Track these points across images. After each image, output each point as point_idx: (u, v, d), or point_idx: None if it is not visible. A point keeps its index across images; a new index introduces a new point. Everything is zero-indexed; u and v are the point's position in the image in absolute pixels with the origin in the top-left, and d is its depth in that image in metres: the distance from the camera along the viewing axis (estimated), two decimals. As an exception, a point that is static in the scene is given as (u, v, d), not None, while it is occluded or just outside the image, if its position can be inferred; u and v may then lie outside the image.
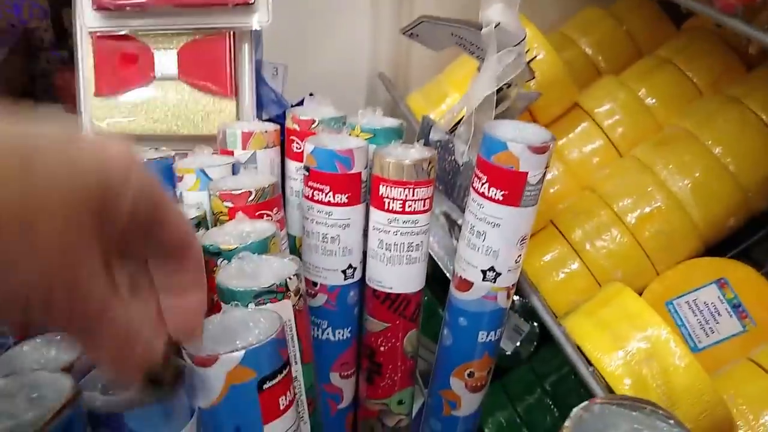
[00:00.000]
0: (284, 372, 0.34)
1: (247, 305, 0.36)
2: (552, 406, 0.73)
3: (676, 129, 0.66)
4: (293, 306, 0.39)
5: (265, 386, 0.32)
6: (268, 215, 0.45)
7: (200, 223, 0.44)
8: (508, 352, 0.76)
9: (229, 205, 0.44)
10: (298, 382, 0.41)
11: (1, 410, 0.26)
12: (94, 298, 0.22)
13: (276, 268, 0.39)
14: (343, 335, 0.53)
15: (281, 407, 0.34)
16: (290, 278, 0.38)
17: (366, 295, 0.53)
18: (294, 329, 0.39)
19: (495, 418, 0.75)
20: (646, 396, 0.44)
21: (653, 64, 0.73)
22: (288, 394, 0.35)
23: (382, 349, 0.53)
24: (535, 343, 0.76)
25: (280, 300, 0.38)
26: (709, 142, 0.62)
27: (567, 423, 0.26)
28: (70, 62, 0.99)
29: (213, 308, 0.36)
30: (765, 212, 0.67)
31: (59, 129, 0.22)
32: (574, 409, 0.27)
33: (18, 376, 0.28)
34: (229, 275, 0.38)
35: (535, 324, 0.75)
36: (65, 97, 0.96)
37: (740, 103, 0.63)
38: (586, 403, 0.27)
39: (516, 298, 0.76)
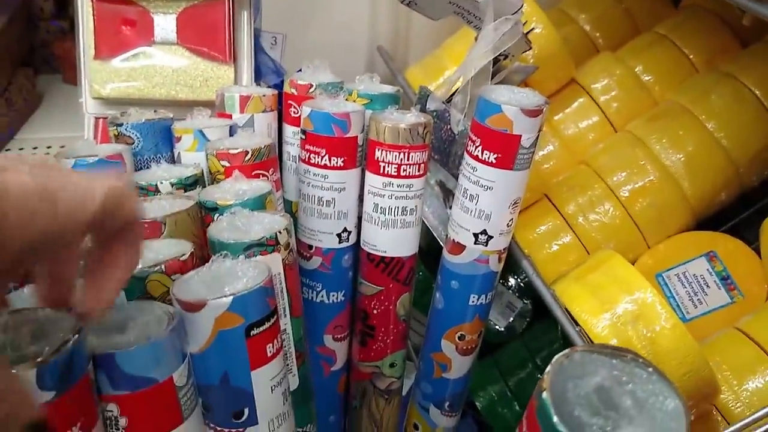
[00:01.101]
0: (272, 320, 0.35)
1: (237, 257, 0.36)
2: (543, 381, 0.74)
3: (670, 104, 0.67)
4: (283, 260, 0.39)
5: (253, 332, 0.33)
6: (264, 175, 0.46)
7: (197, 180, 0.45)
8: (501, 328, 0.77)
9: (226, 164, 0.45)
10: (287, 334, 0.42)
11: (5, 343, 0.27)
12: None
13: (267, 223, 0.40)
14: (337, 298, 0.54)
15: (268, 354, 0.35)
16: (280, 232, 0.39)
17: (360, 259, 0.54)
18: (283, 282, 0.40)
19: (486, 391, 0.76)
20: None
21: (650, 41, 0.73)
22: (275, 342, 0.36)
23: (375, 312, 0.54)
24: (527, 320, 0.77)
25: (270, 253, 0.38)
26: (703, 117, 0.63)
27: (548, 369, 0.27)
28: (70, 32, 1.00)
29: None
30: (756, 189, 0.68)
31: None
32: (556, 356, 0.28)
33: (22, 313, 0.28)
34: (220, 229, 0.39)
35: (527, 301, 0.76)
36: (65, 67, 0.97)
37: (734, 78, 0.63)
38: (567, 350, 0.28)
39: (511, 279, 0.77)
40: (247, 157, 0.45)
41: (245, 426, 0.35)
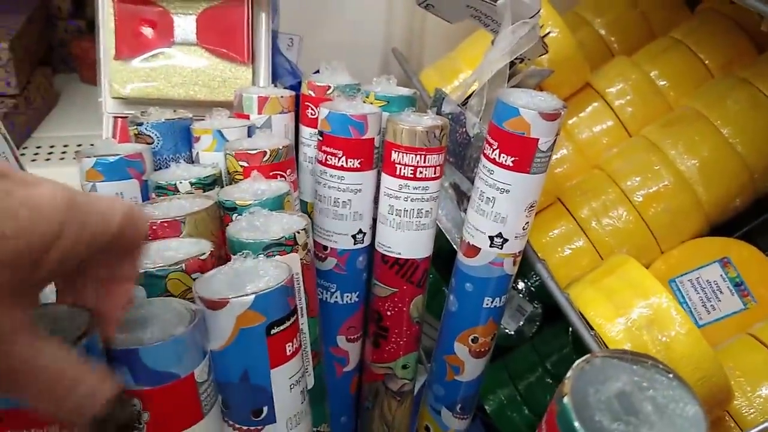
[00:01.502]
0: (292, 319, 0.35)
1: (257, 256, 0.37)
2: (552, 385, 0.74)
3: (685, 109, 0.67)
4: (301, 260, 0.40)
5: (273, 331, 0.34)
6: (281, 176, 0.46)
7: (216, 180, 0.45)
8: (511, 332, 0.77)
9: (244, 164, 0.45)
10: (304, 334, 0.42)
11: None
12: (16, 352, 0.22)
13: (285, 223, 0.40)
14: (351, 299, 0.54)
15: (288, 353, 0.35)
16: (299, 232, 0.39)
17: (374, 260, 0.54)
18: (302, 282, 0.41)
19: (496, 395, 0.76)
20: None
21: (666, 46, 0.73)
22: (294, 341, 0.36)
23: (388, 313, 0.55)
24: (537, 323, 0.77)
25: (288, 253, 0.39)
26: (718, 123, 0.63)
27: (569, 374, 0.27)
28: (87, 31, 1.01)
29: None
30: (770, 196, 0.68)
31: None
32: (577, 361, 0.28)
33: (39, 309, 0.29)
34: (239, 228, 0.39)
35: (538, 305, 0.76)
36: (82, 67, 0.98)
37: (750, 84, 0.63)
38: (587, 356, 0.28)
39: (521, 283, 0.77)
40: (265, 158, 0.45)
41: (264, 424, 0.36)
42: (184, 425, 0.31)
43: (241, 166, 0.46)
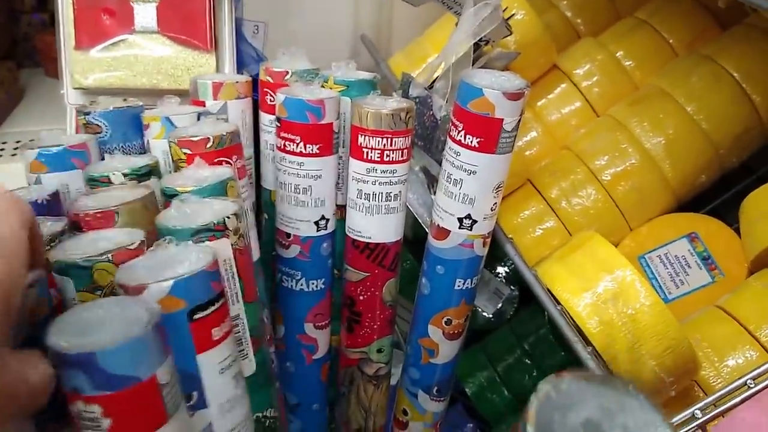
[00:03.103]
0: (217, 304, 0.34)
1: (179, 243, 0.36)
2: (531, 366, 0.75)
3: (650, 88, 0.68)
4: (232, 245, 0.39)
5: (196, 316, 0.33)
6: (227, 162, 0.45)
7: (151, 171, 0.45)
8: (489, 315, 0.78)
9: (188, 151, 0.44)
10: (241, 320, 0.42)
11: None
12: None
13: (217, 209, 0.39)
14: (317, 286, 0.54)
15: (215, 338, 0.35)
16: (228, 217, 0.38)
17: (345, 245, 0.54)
18: (234, 268, 0.40)
19: (475, 378, 0.77)
20: (612, 334, 0.46)
21: (631, 26, 0.74)
22: (222, 326, 0.35)
23: (361, 298, 0.55)
24: (515, 306, 0.77)
25: (218, 238, 0.38)
26: (682, 100, 0.64)
27: (533, 399, 0.25)
28: (51, 25, 0.99)
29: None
30: (736, 171, 0.69)
31: None
32: (540, 384, 0.26)
33: None
34: (168, 216, 0.38)
35: (515, 288, 0.76)
36: (47, 61, 0.96)
37: (713, 61, 0.64)
38: (552, 377, 0.26)
39: (500, 268, 0.78)
40: (208, 145, 0.44)
41: (195, 409, 0.35)
42: (148, 430, 0.30)
43: (185, 153, 0.44)
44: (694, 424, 0.43)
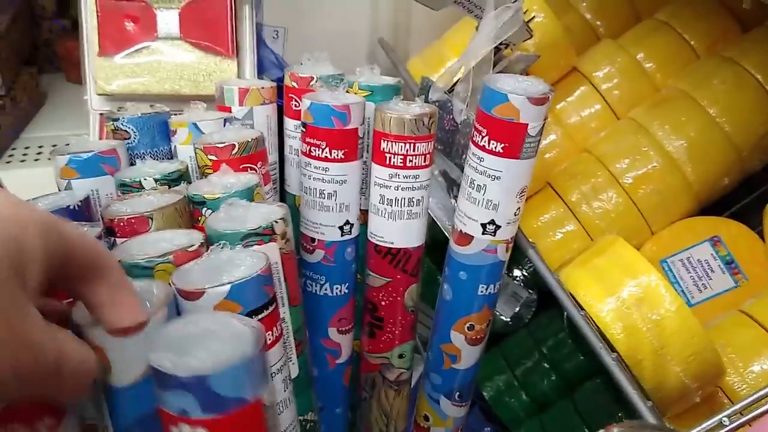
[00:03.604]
0: (270, 308, 0.35)
1: (233, 247, 0.36)
2: (549, 370, 0.74)
3: (672, 90, 0.67)
4: (280, 249, 0.40)
5: None
6: (252, 169, 0.46)
7: (182, 176, 0.45)
8: (507, 318, 0.77)
9: (213, 158, 0.45)
10: (286, 323, 0.42)
11: None
12: (36, 343, 0.23)
13: (264, 213, 0.40)
14: (341, 291, 0.54)
15: (268, 342, 0.35)
16: (276, 221, 0.39)
17: (367, 251, 0.54)
18: (281, 272, 0.40)
19: (493, 382, 0.77)
20: (636, 339, 0.46)
21: (651, 28, 0.73)
22: (274, 330, 0.36)
23: (383, 303, 0.55)
24: (533, 309, 0.77)
25: (266, 242, 0.38)
26: (705, 103, 0.63)
27: None
28: (72, 31, 1.00)
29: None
30: (758, 174, 0.68)
31: None
32: None
33: None
34: (218, 219, 0.39)
35: (533, 291, 0.76)
36: (68, 66, 0.97)
37: (736, 63, 0.64)
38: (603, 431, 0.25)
39: (516, 271, 0.77)
40: (234, 151, 0.45)
41: None
42: None
43: (210, 159, 0.45)
44: (722, 431, 0.42)
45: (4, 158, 0.78)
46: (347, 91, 0.51)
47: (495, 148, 0.46)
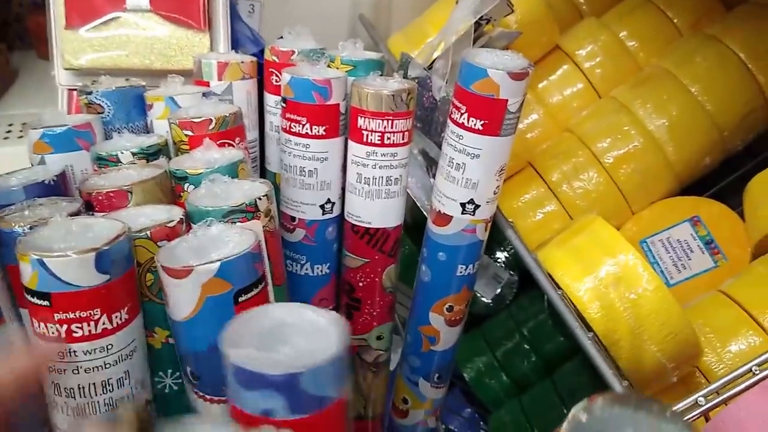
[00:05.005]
0: (260, 286, 0.34)
1: (219, 223, 0.36)
2: (529, 351, 0.74)
3: (654, 69, 0.66)
4: (264, 227, 0.39)
5: (241, 299, 0.33)
6: (230, 144, 0.45)
7: (160, 150, 0.44)
8: (488, 300, 0.77)
9: (189, 133, 0.44)
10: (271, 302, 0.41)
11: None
12: None
13: (246, 190, 0.39)
14: (322, 271, 0.53)
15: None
16: (260, 198, 0.38)
17: (344, 231, 0.53)
18: (265, 250, 0.39)
19: (474, 363, 0.76)
20: (613, 319, 0.45)
21: (634, 6, 0.72)
22: None
23: (360, 284, 0.54)
24: (514, 291, 0.77)
25: (249, 219, 0.38)
26: (687, 81, 0.63)
27: (564, 426, 0.24)
28: (42, 6, 0.97)
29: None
30: (740, 154, 0.68)
31: None
32: (573, 410, 0.25)
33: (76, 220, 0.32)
34: (199, 196, 0.38)
35: (514, 273, 0.76)
36: (38, 42, 0.94)
37: (718, 41, 0.63)
38: (584, 403, 0.25)
39: (499, 253, 0.77)
40: (210, 126, 0.43)
41: None
42: None
43: (186, 135, 0.44)
44: (698, 411, 0.42)
45: (-27, 136, 0.76)
46: (329, 66, 0.49)
47: (474, 125, 0.45)
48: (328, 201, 0.51)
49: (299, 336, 0.26)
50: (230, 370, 0.24)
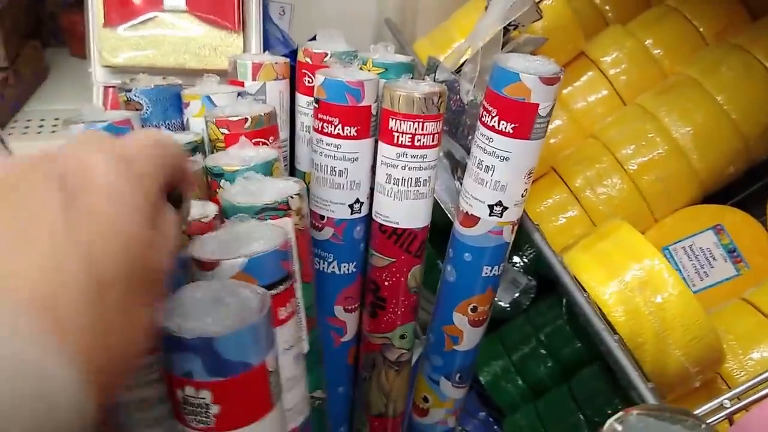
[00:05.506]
0: (286, 284, 0.35)
1: (251, 220, 0.36)
2: (546, 356, 0.75)
3: (679, 77, 0.67)
4: (294, 225, 0.39)
5: None
6: (264, 143, 0.46)
7: (197, 147, 0.45)
8: (505, 304, 0.77)
9: (225, 131, 0.45)
10: (299, 300, 0.42)
11: None
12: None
13: (280, 188, 0.40)
14: (348, 269, 0.54)
15: (281, 318, 0.35)
16: (292, 197, 0.39)
17: (372, 230, 0.54)
18: (295, 248, 0.40)
19: (490, 367, 0.77)
20: (638, 323, 0.46)
21: (660, 14, 0.73)
22: (288, 306, 0.36)
23: (386, 283, 0.54)
24: (531, 296, 0.77)
25: (281, 217, 0.38)
26: (712, 90, 0.63)
27: None
28: (76, 4, 0.99)
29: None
30: (764, 163, 0.68)
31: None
32: (608, 421, 0.25)
33: None
34: (233, 193, 0.39)
35: (532, 278, 0.76)
36: (72, 40, 0.96)
37: (744, 51, 0.63)
38: (620, 414, 0.25)
39: (516, 257, 0.77)
40: (246, 125, 0.44)
41: None
42: (254, 417, 0.29)
43: (222, 133, 0.45)
44: (723, 414, 0.42)
45: (6, 131, 0.78)
46: (360, 68, 0.50)
47: (505, 128, 0.45)
48: (357, 201, 0.51)
49: (227, 308, 0.28)
50: (162, 336, 0.27)
